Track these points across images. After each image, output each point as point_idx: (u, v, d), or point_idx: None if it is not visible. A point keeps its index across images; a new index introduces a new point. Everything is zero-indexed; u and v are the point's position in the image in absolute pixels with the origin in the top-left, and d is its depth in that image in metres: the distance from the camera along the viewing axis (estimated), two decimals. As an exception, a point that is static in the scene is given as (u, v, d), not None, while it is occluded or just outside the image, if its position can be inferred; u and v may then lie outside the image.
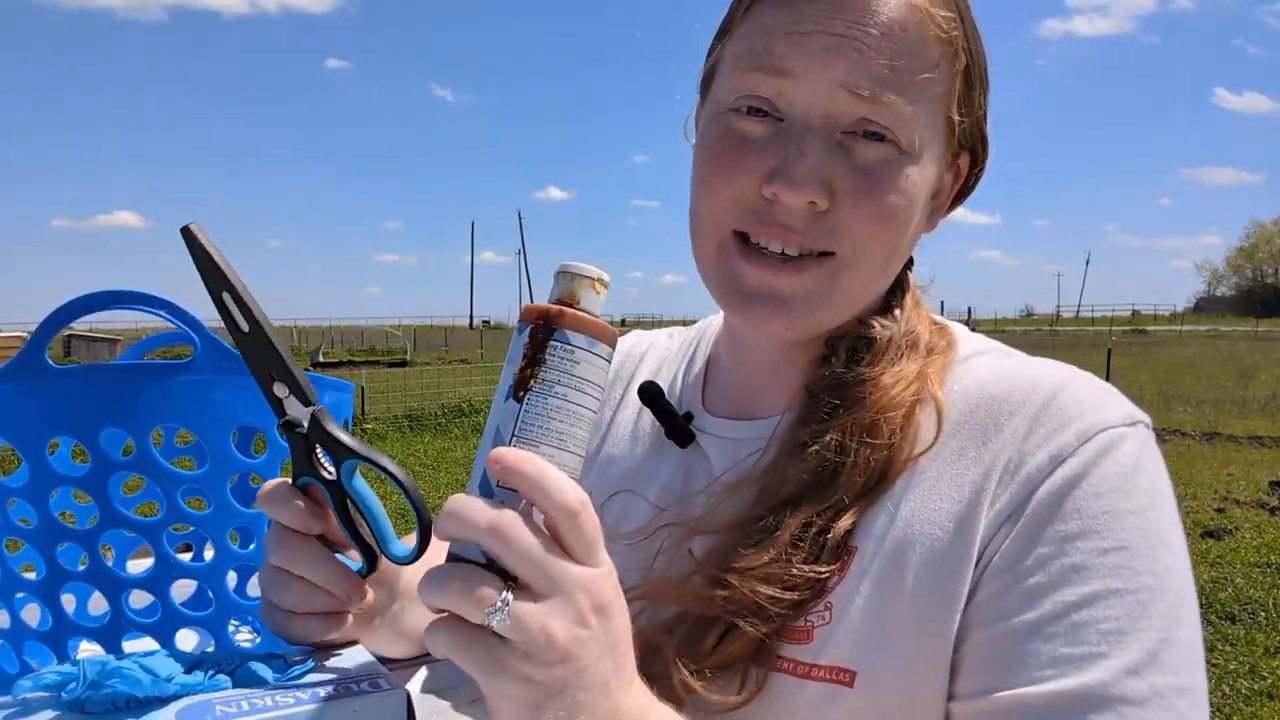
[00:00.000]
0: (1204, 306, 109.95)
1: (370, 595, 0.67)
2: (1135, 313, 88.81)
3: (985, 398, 0.66)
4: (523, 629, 0.47)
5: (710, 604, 0.63)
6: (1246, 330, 49.07)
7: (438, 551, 0.69)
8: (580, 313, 0.53)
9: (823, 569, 0.63)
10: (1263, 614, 4.77)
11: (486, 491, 0.51)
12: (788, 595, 0.62)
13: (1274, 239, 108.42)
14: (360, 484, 0.64)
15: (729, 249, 0.68)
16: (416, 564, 0.63)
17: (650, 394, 0.81)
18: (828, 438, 0.66)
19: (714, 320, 0.88)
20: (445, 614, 0.49)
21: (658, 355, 0.91)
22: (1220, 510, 6.87)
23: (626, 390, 0.89)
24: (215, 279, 0.61)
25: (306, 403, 0.62)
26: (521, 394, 0.52)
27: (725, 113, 0.68)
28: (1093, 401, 0.63)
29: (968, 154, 0.73)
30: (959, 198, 0.76)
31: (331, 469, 0.62)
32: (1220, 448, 9.57)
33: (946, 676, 0.60)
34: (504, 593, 0.47)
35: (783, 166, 0.64)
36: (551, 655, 0.47)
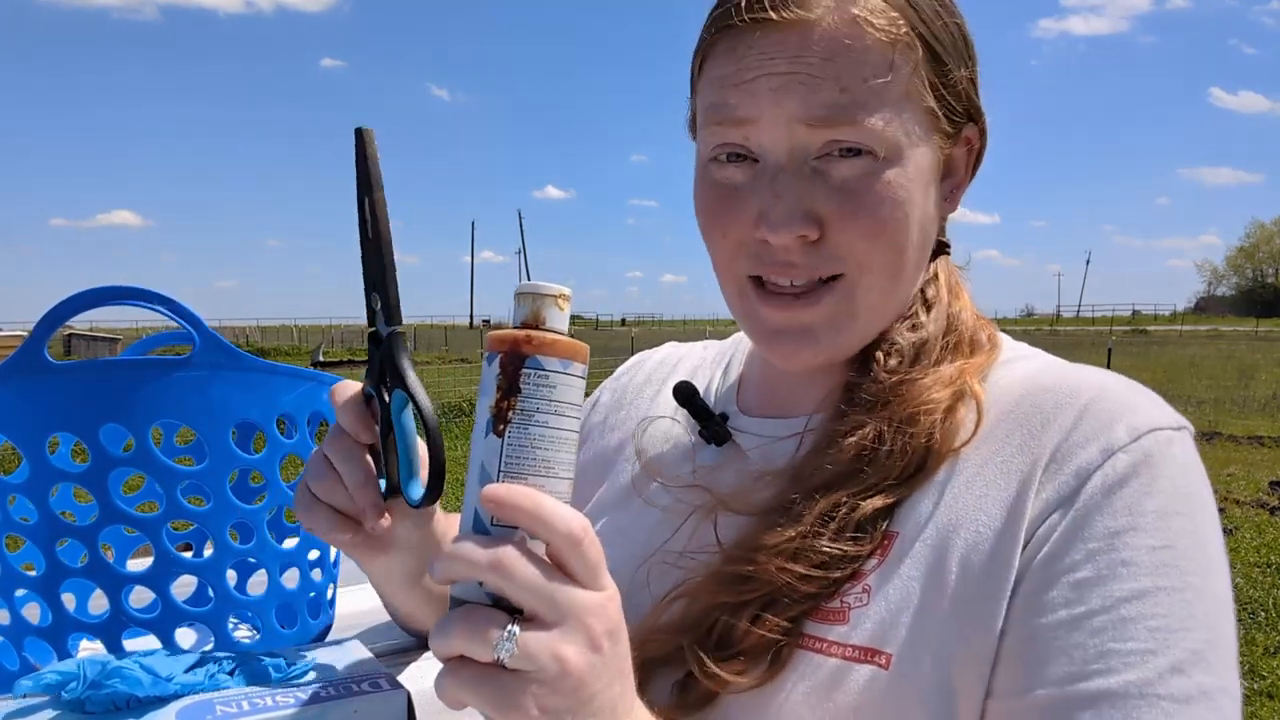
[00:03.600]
0: (1204, 306, 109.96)
1: (387, 521, 0.67)
2: (1135, 312, 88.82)
3: (1030, 390, 0.66)
4: (534, 658, 0.46)
5: (740, 592, 0.63)
6: (1247, 330, 49.11)
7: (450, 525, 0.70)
8: (549, 335, 0.51)
9: (851, 547, 0.63)
10: (1263, 614, 4.77)
11: (481, 530, 0.50)
12: (815, 572, 0.62)
13: (1274, 239, 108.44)
14: (406, 418, 0.65)
15: (747, 293, 0.70)
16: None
17: (685, 393, 0.81)
18: (865, 429, 0.66)
19: None
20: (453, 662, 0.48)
21: (691, 364, 0.92)
22: (1220, 510, 6.86)
23: (660, 392, 0.89)
24: (366, 184, 0.63)
25: (390, 322, 0.64)
26: (501, 427, 0.50)
27: (707, 164, 0.70)
28: (1140, 402, 0.63)
29: (971, 123, 0.72)
30: (973, 169, 0.75)
31: (386, 396, 0.64)
32: (1220, 448, 9.57)
33: (989, 667, 0.59)
34: (510, 625, 0.47)
35: (764, 211, 0.66)
36: (566, 682, 0.47)
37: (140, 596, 0.68)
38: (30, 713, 0.56)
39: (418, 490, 0.65)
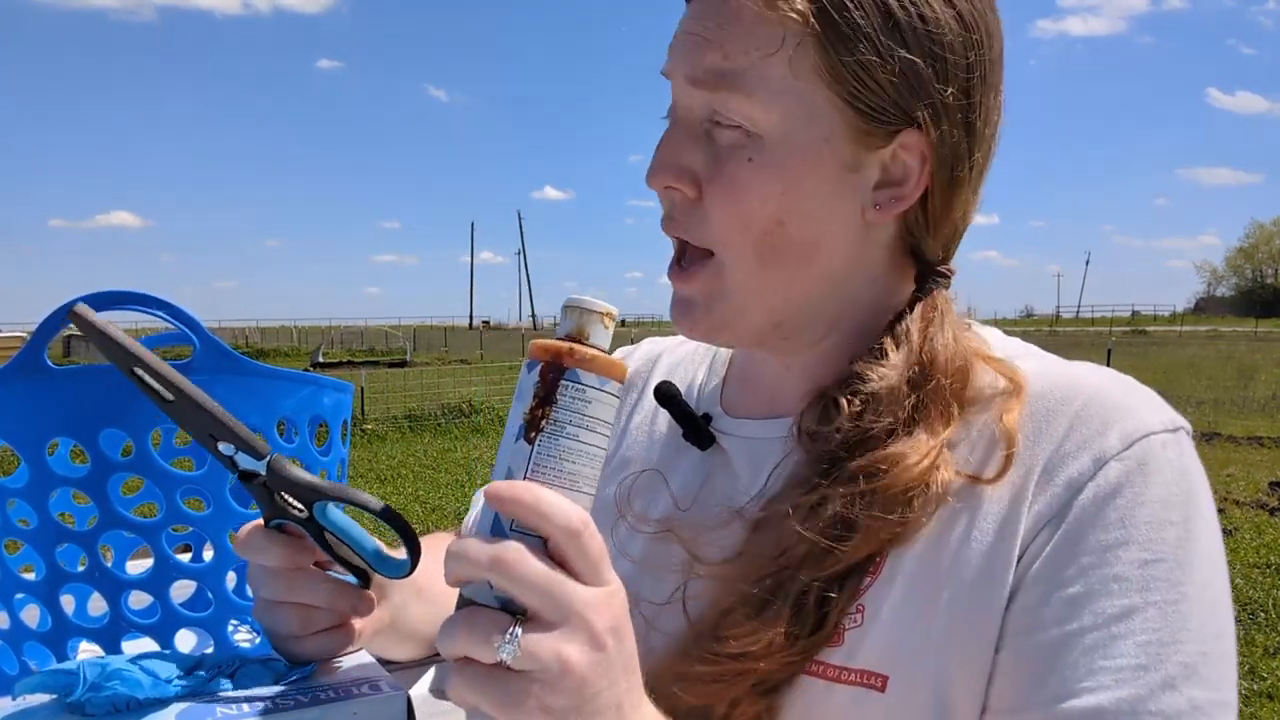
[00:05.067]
0: (1204, 307, 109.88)
1: (380, 593, 0.68)
2: (1135, 313, 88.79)
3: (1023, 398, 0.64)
4: (536, 658, 0.46)
5: (716, 694, 0.62)
6: (1246, 331, 49.08)
7: (433, 551, 0.69)
8: (591, 350, 0.52)
9: (818, 638, 0.61)
10: (1262, 614, 4.77)
11: (498, 532, 0.50)
12: (792, 656, 0.61)
13: (1273, 239, 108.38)
14: (335, 515, 0.63)
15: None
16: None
17: (667, 394, 0.79)
18: (836, 505, 0.62)
19: None
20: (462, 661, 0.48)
21: (672, 360, 0.90)
22: (1220, 511, 6.86)
23: (642, 393, 0.87)
24: (120, 355, 0.59)
25: (258, 456, 0.61)
26: (533, 434, 0.51)
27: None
28: (1134, 405, 0.62)
29: (912, 129, 0.64)
30: (955, 187, 0.67)
31: (302, 507, 0.62)
32: (1220, 448, 9.57)
33: (986, 682, 0.59)
34: (512, 625, 0.47)
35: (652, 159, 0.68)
36: (569, 682, 0.47)
37: (139, 600, 0.68)
38: (30, 715, 0.56)
39: (395, 564, 0.65)
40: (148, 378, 0.59)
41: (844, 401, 0.65)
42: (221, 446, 0.61)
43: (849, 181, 0.65)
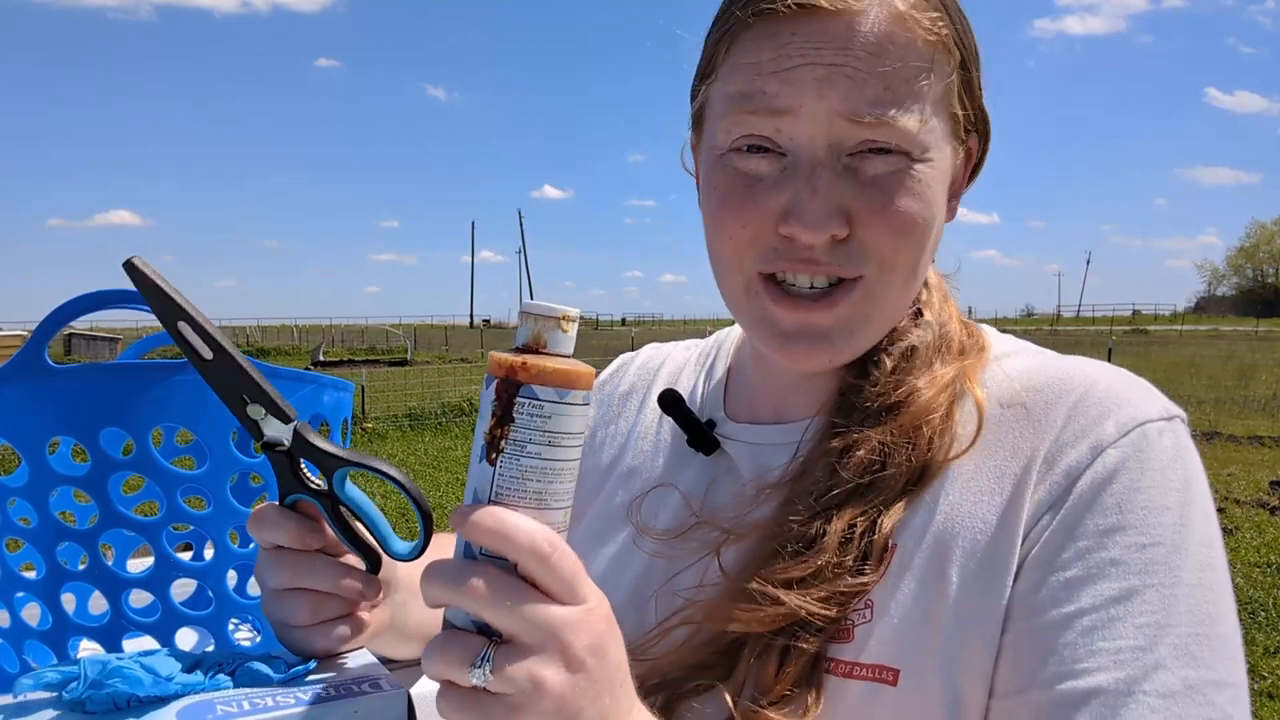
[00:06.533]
0: (1204, 306, 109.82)
1: (383, 590, 0.68)
2: (1136, 312, 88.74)
3: (1021, 390, 0.66)
4: (510, 681, 0.47)
5: (766, 622, 0.62)
6: (1247, 330, 49.04)
7: (440, 550, 0.69)
8: (545, 361, 0.49)
9: (870, 571, 0.62)
10: (1263, 614, 4.77)
11: (470, 556, 0.50)
12: (835, 605, 0.61)
13: (1274, 239, 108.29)
14: (353, 490, 0.63)
15: (757, 290, 0.67)
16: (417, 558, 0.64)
17: (671, 401, 0.79)
18: (870, 444, 0.65)
19: (732, 330, 0.87)
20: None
21: (674, 366, 0.90)
22: (1220, 510, 6.87)
23: (645, 400, 0.88)
24: (168, 309, 0.59)
25: (285, 419, 0.61)
26: (494, 455, 0.49)
27: (726, 154, 0.67)
28: (1130, 394, 0.63)
29: (975, 134, 0.72)
30: (970, 177, 0.75)
31: (319, 480, 0.62)
32: (1220, 448, 9.57)
33: (993, 668, 0.59)
34: (485, 649, 0.47)
35: (795, 206, 0.63)
36: (545, 703, 0.47)
37: (140, 598, 0.68)
38: (30, 712, 0.56)
39: (404, 546, 0.65)
40: (190, 333, 0.59)
41: (885, 358, 0.69)
42: (250, 410, 0.61)
43: (948, 186, 0.70)
